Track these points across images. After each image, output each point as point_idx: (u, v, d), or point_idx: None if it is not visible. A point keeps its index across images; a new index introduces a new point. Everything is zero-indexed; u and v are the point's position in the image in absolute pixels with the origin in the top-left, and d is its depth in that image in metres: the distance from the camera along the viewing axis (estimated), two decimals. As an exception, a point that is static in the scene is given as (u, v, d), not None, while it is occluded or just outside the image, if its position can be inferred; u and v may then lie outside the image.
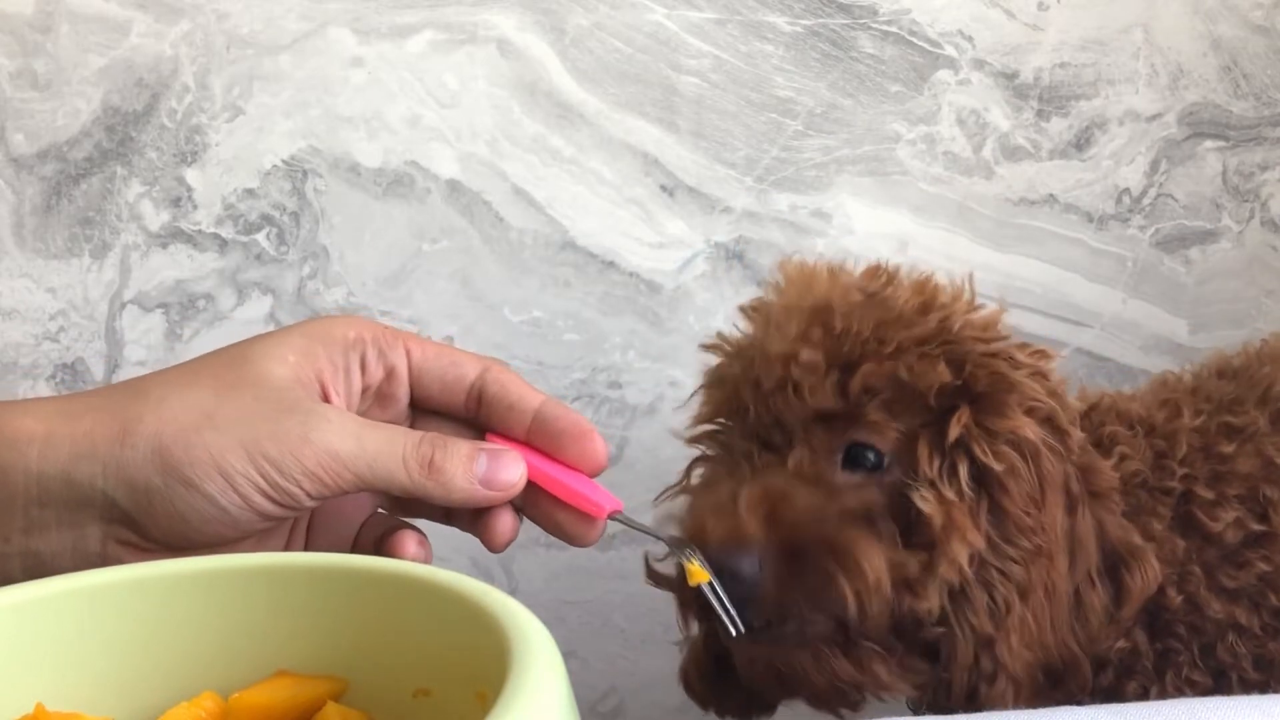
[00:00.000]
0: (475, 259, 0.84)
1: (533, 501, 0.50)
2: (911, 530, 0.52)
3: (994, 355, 0.55)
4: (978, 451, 0.52)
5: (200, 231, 0.80)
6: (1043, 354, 0.57)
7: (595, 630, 0.88)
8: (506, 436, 0.50)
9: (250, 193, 0.81)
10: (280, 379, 0.45)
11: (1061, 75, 0.91)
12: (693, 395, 0.61)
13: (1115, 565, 0.55)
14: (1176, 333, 0.94)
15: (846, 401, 0.53)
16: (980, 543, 0.52)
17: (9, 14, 0.76)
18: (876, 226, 0.89)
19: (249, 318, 0.81)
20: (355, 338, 0.48)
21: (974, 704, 0.53)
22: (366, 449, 0.45)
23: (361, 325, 0.49)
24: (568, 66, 0.83)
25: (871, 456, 0.54)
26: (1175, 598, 0.57)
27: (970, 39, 0.88)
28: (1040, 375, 0.56)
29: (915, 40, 0.88)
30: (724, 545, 0.51)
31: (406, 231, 0.83)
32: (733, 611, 0.50)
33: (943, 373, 0.53)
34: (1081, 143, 0.92)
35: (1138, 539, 0.56)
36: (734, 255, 0.87)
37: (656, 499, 0.61)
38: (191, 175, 0.80)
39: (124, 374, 0.80)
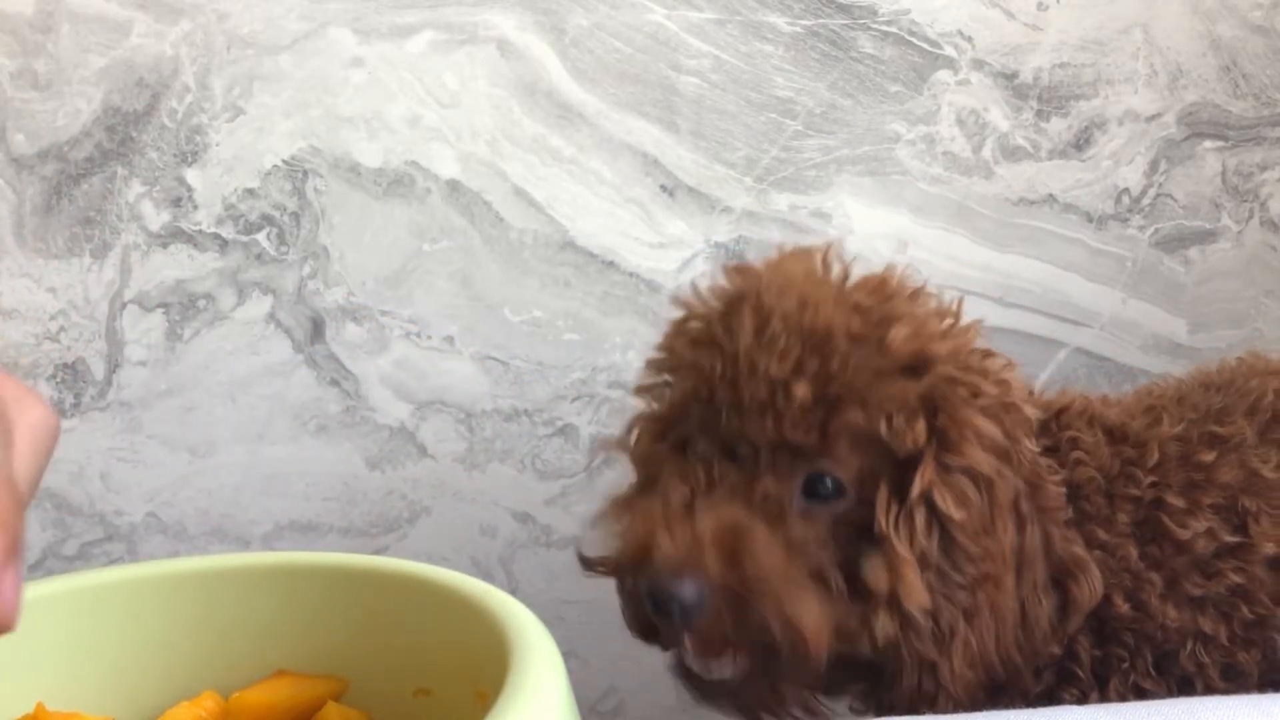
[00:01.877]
0: (475, 259, 0.84)
1: None
2: (858, 573, 0.53)
3: (963, 400, 0.54)
4: (938, 500, 0.53)
5: (200, 231, 0.80)
6: (1006, 385, 0.57)
7: (595, 630, 0.88)
8: None
9: (250, 193, 0.81)
10: None
11: (1061, 75, 0.91)
12: (657, 346, 0.60)
13: (1061, 577, 0.56)
14: (1176, 333, 0.94)
15: (823, 439, 0.53)
16: (926, 601, 0.52)
17: (9, 14, 0.76)
18: (876, 226, 0.89)
19: (249, 318, 0.81)
20: None
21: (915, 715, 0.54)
22: None
23: None
24: (568, 66, 0.83)
25: (830, 485, 0.54)
26: (1122, 605, 0.57)
27: (970, 39, 0.88)
28: (998, 401, 0.55)
29: (915, 40, 0.88)
30: (674, 568, 0.51)
31: (406, 231, 0.83)
32: None
33: (920, 433, 0.53)
34: (1081, 143, 0.92)
35: (1081, 550, 0.56)
36: (734, 255, 0.87)
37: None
38: (192, 175, 0.80)
39: (125, 374, 0.80)
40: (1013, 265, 0.91)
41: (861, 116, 0.88)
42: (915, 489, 0.53)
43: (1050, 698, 0.57)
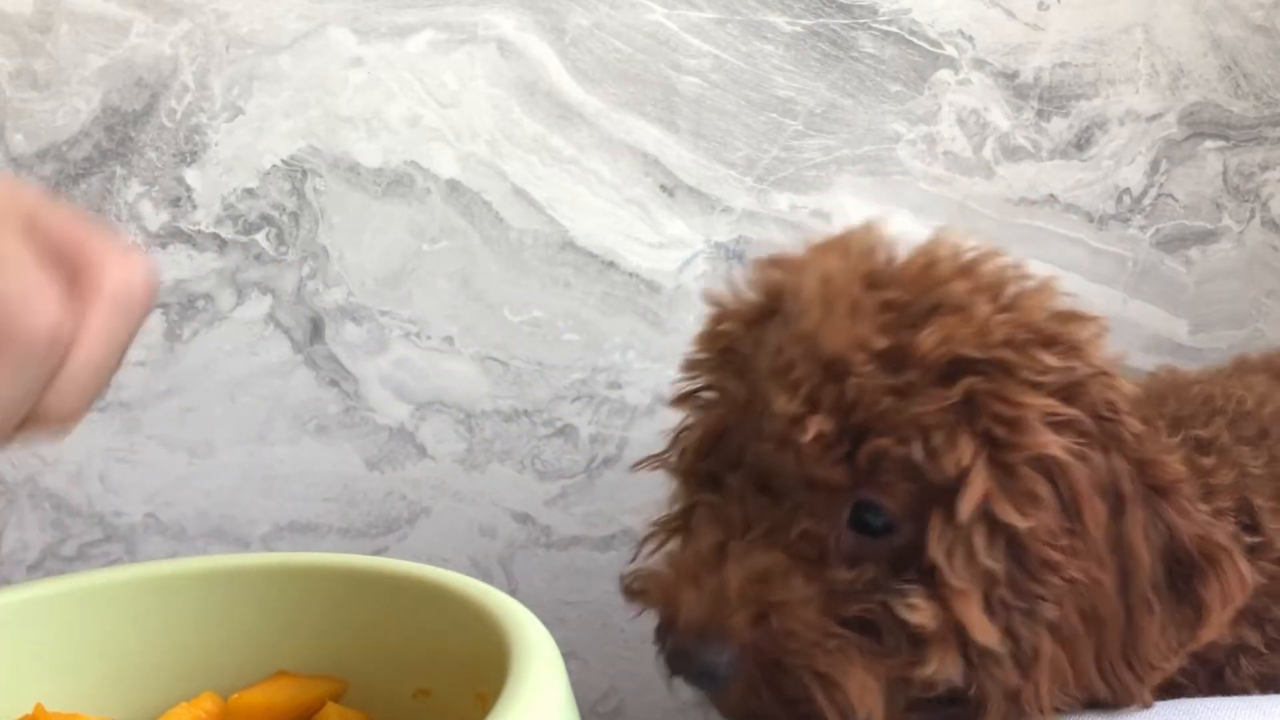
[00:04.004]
0: (475, 259, 0.84)
1: None
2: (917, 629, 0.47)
3: (1015, 386, 0.47)
4: (999, 511, 0.46)
5: (200, 231, 0.80)
6: (1077, 350, 0.49)
7: (595, 630, 0.88)
8: None
9: (250, 193, 0.81)
10: None
11: (1062, 75, 0.90)
12: (691, 349, 0.55)
13: (1189, 576, 0.49)
14: (1177, 333, 0.94)
15: (854, 470, 0.47)
16: (994, 637, 0.46)
17: (8, 14, 0.76)
18: (877, 226, 0.89)
19: (249, 318, 0.81)
20: None
21: None
22: None
23: None
24: (568, 66, 0.83)
25: (882, 516, 0.47)
26: None
27: (970, 39, 0.88)
28: (1073, 372, 0.48)
29: (915, 40, 0.88)
30: (700, 632, 0.47)
31: (406, 231, 0.83)
32: None
33: (965, 450, 0.46)
34: (1082, 143, 0.92)
35: (1222, 537, 0.49)
36: (734, 255, 0.87)
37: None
38: (191, 175, 0.80)
39: (123, 374, 0.80)
40: (1013, 265, 0.91)
41: (862, 116, 0.87)
42: (966, 504, 0.45)
43: None
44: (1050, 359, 0.48)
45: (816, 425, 0.46)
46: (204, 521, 0.82)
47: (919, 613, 0.45)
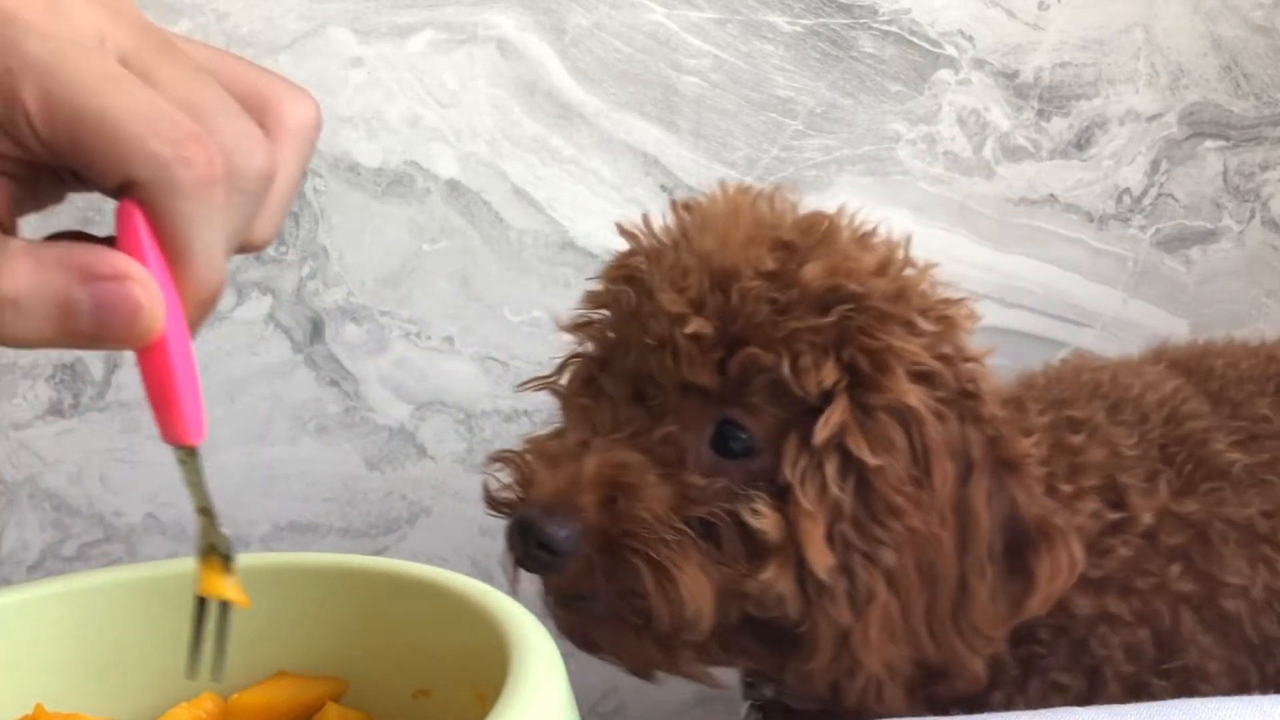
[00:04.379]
0: (475, 259, 0.84)
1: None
2: (759, 536, 0.48)
3: (883, 325, 0.49)
4: (851, 445, 0.48)
5: (200, 231, 0.80)
6: (949, 320, 0.52)
7: (595, 630, 0.87)
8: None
9: (250, 193, 0.81)
10: None
11: (1062, 75, 0.90)
12: (590, 280, 0.57)
13: (1023, 548, 0.50)
14: (1177, 333, 0.94)
15: (725, 380, 0.49)
16: (830, 559, 0.47)
17: (8, 14, 0.76)
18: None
19: (248, 318, 0.81)
20: None
21: (837, 698, 0.50)
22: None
23: None
24: (568, 66, 0.83)
25: (743, 439, 0.49)
26: None
27: (970, 38, 0.88)
28: (940, 340, 0.51)
29: (915, 40, 0.88)
30: (546, 507, 0.48)
31: (406, 231, 0.83)
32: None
33: (828, 373, 0.48)
34: (1082, 142, 0.92)
35: (1059, 519, 0.51)
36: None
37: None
38: (191, 175, 0.80)
39: (123, 374, 0.80)
40: (1013, 265, 0.91)
41: (862, 116, 0.87)
42: (822, 432, 0.47)
43: (978, 704, 0.53)
44: (923, 321, 0.51)
45: (697, 325, 0.49)
46: (204, 521, 0.82)
47: (764, 519, 0.47)
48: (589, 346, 0.56)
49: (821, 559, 0.47)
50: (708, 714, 0.89)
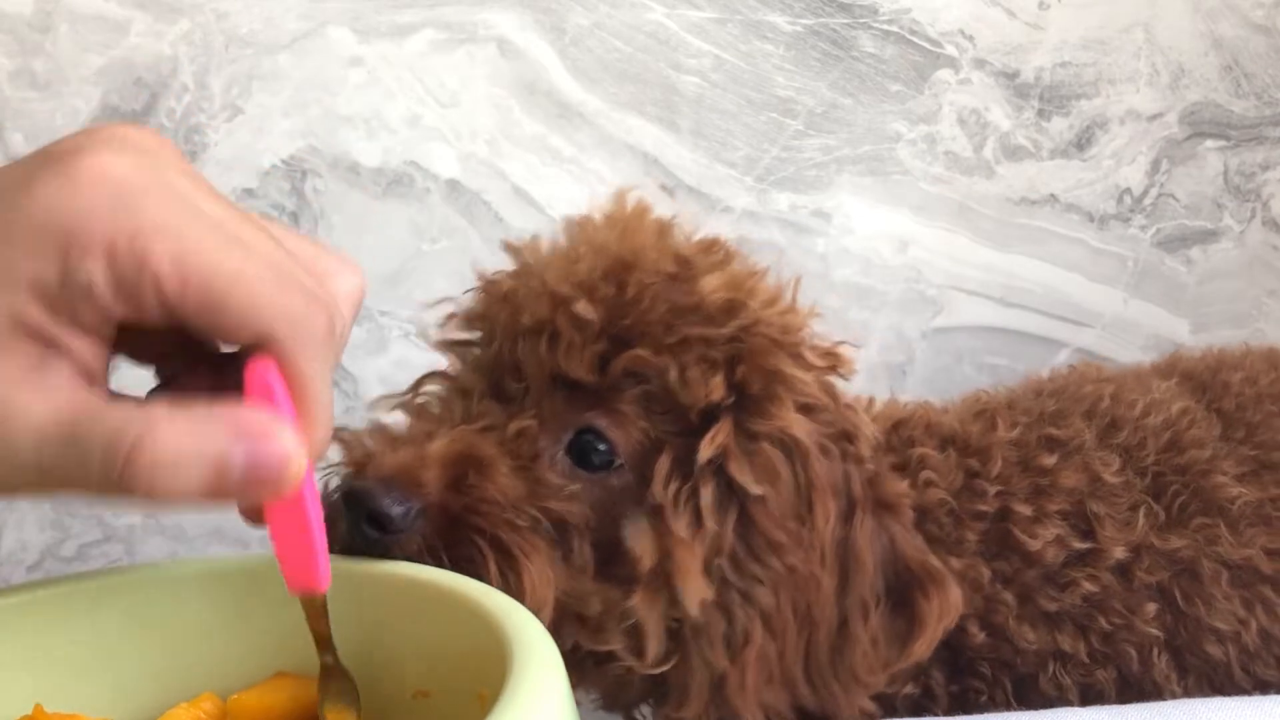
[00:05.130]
0: (475, 259, 0.84)
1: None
2: (616, 559, 0.45)
3: (775, 351, 0.47)
4: (734, 470, 0.45)
5: (200, 231, 0.80)
6: (836, 358, 0.50)
7: (595, 631, 0.87)
8: None
9: (249, 192, 0.80)
10: None
11: (1062, 74, 0.90)
12: (466, 292, 0.54)
13: (907, 589, 0.48)
14: (1177, 332, 0.94)
15: (601, 379, 0.46)
16: (706, 592, 0.44)
17: (8, 14, 0.76)
18: (877, 226, 0.88)
19: (249, 318, 0.81)
20: None
21: None
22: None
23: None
24: (568, 66, 0.83)
25: (603, 451, 0.46)
26: (978, 633, 0.51)
27: (971, 38, 0.88)
28: (825, 378, 0.49)
29: (916, 40, 0.88)
30: (386, 479, 0.44)
31: (406, 231, 0.83)
32: None
33: (715, 387, 0.45)
34: (1082, 142, 0.91)
35: (936, 562, 0.49)
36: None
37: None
38: (191, 175, 0.80)
39: (123, 375, 0.80)
40: (1014, 265, 0.91)
41: (862, 116, 0.87)
42: (705, 451, 0.44)
43: None
44: (812, 356, 0.49)
45: (583, 308, 0.46)
46: (204, 521, 0.82)
47: (640, 541, 0.44)
48: (455, 366, 0.52)
49: (697, 592, 0.44)
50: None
